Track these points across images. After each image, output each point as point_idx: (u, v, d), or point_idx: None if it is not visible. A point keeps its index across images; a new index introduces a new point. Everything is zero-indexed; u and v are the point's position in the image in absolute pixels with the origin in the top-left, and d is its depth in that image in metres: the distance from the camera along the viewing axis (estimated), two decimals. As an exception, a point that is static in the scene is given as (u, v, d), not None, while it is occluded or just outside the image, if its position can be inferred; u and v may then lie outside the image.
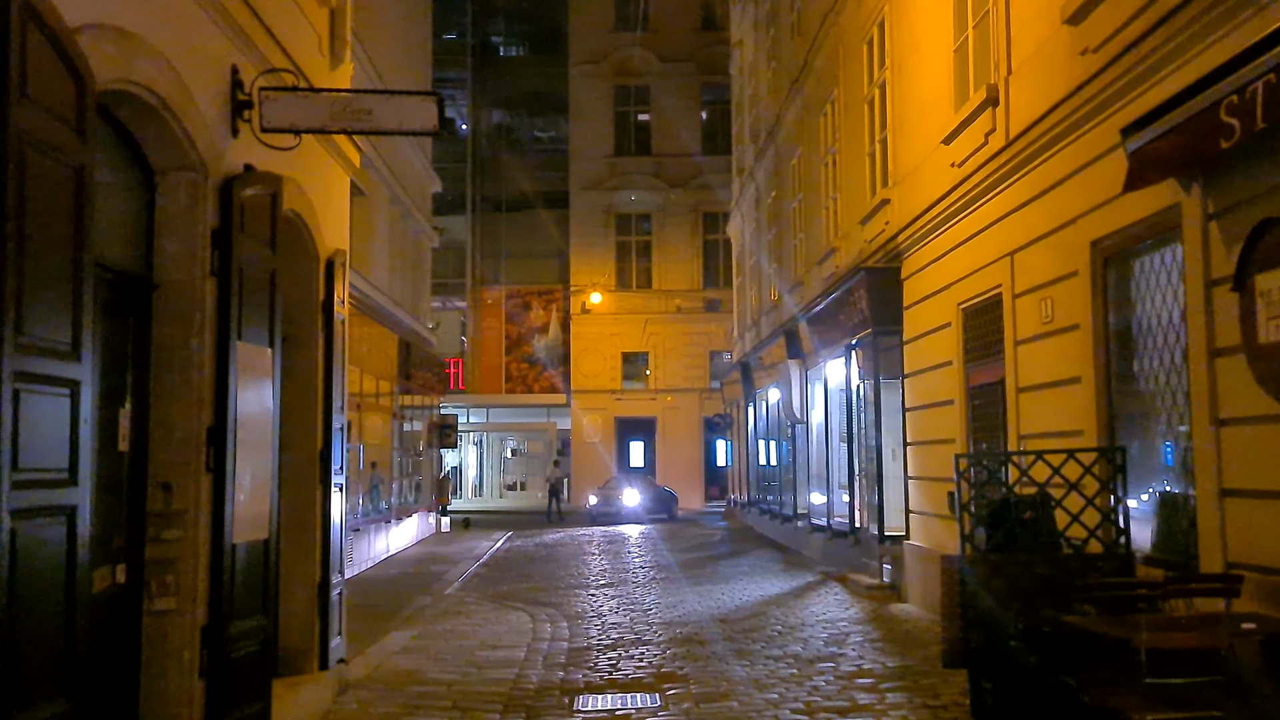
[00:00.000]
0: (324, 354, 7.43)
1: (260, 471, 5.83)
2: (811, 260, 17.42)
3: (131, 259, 5.14)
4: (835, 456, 15.49)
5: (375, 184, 20.54)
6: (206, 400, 5.31)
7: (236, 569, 5.49)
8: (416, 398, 23.96)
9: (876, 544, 12.80)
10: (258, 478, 5.78)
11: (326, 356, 7.45)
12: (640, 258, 37.00)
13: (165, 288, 5.26)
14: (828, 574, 14.99)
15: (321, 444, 7.42)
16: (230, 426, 5.42)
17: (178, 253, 5.23)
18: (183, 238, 5.24)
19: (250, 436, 5.67)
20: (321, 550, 7.33)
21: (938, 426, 10.94)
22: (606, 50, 36.98)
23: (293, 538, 7.10)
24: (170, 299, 5.24)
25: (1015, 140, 8.64)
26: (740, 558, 18.50)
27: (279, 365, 6.23)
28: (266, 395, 5.94)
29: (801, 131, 18.50)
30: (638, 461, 36.77)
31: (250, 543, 5.68)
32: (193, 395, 5.24)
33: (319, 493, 7.35)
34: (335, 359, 7.54)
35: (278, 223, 6.05)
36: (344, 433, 7.82)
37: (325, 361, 7.44)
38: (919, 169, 11.54)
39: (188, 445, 5.21)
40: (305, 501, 7.26)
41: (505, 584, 15.76)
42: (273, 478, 6.06)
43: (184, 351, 5.23)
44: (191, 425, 5.23)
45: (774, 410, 21.12)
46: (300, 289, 7.35)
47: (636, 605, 12.99)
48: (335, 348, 7.56)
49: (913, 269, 11.84)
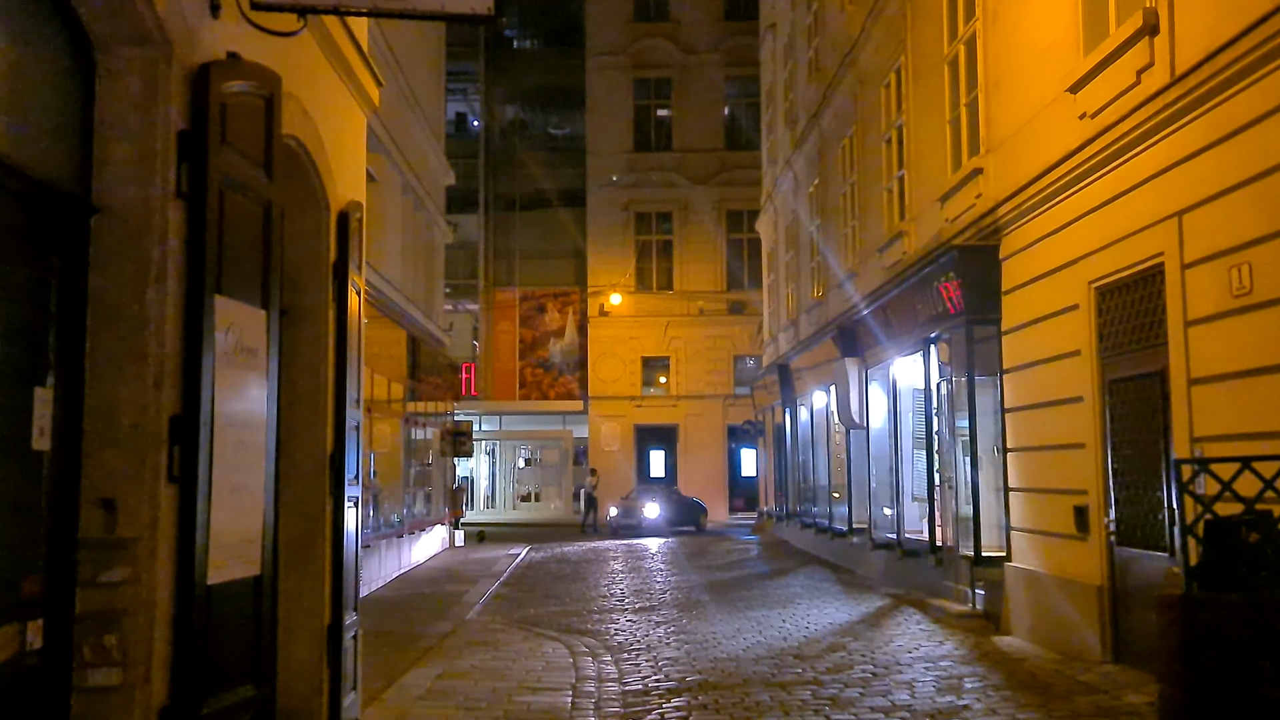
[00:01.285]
0: (335, 331, 5.79)
1: (249, 482, 4.20)
2: (869, 249, 15.77)
3: (58, 166, 3.50)
4: (907, 465, 13.81)
5: (387, 170, 18.94)
6: (169, 378, 3.68)
7: (213, 621, 3.86)
8: (428, 404, 22.31)
9: (967, 565, 11.11)
10: (245, 490, 4.15)
11: (339, 335, 5.81)
12: (661, 258, 35.37)
13: (110, 213, 3.63)
14: (897, 597, 13.30)
15: (333, 446, 5.77)
16: (204, 417, 3.79)
17: (128, 162, 3.60)
18: (136, 141, 3.61)
19: (234, 432, 4.04)
20: (332, 583, 5.68)
21: (1056, 429, 9.27)
22: (626, 42, 35.42)
23: (295, 568, 5.46)
24: (116, 228, 3.61)
25: (1187, 75, 6.99)
26: (787, 576, 16.81)
27: (277, 338, 4.58)
28: (259, 376, 4.30)
29: (854, 109, 16.87)
30: (658, 471, 35.08)
31: (234, 582, 4.04)
32: (148, 371, 3.61)
33: (329, 509, 5.71)
34: (350, 338, 5.90)
35: (275, 140, 4.41)
36: (360, 433, 6.16)
37: (337, 341, 5.80)
38: (1025, 129, 9.89)
39: (140, 443, 3.59)
40: (311, 521, 5.61)
41: (531, 606, 14.13)
42: (267, 490, 4.41)
43: (135, 307, 3.60)
44: (146, 414, 3.61)
45: (820, 415, 19.44)
46: (305, 247, 5.72)
47: (688, 634, 11.33)
48: (350, 324, 5.91)
49: (1017, 246, 10.18)
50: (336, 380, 5.81)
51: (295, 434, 5.52)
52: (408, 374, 19.75)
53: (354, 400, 6.02)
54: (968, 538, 11.05)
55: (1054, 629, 9.26)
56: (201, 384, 3.77)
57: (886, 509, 14.48)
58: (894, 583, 14.11)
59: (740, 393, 33.75)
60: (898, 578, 13.98)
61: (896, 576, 14.06)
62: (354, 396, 6.03)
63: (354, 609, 6.10)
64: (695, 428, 34.36)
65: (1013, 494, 10.34)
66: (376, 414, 17.24)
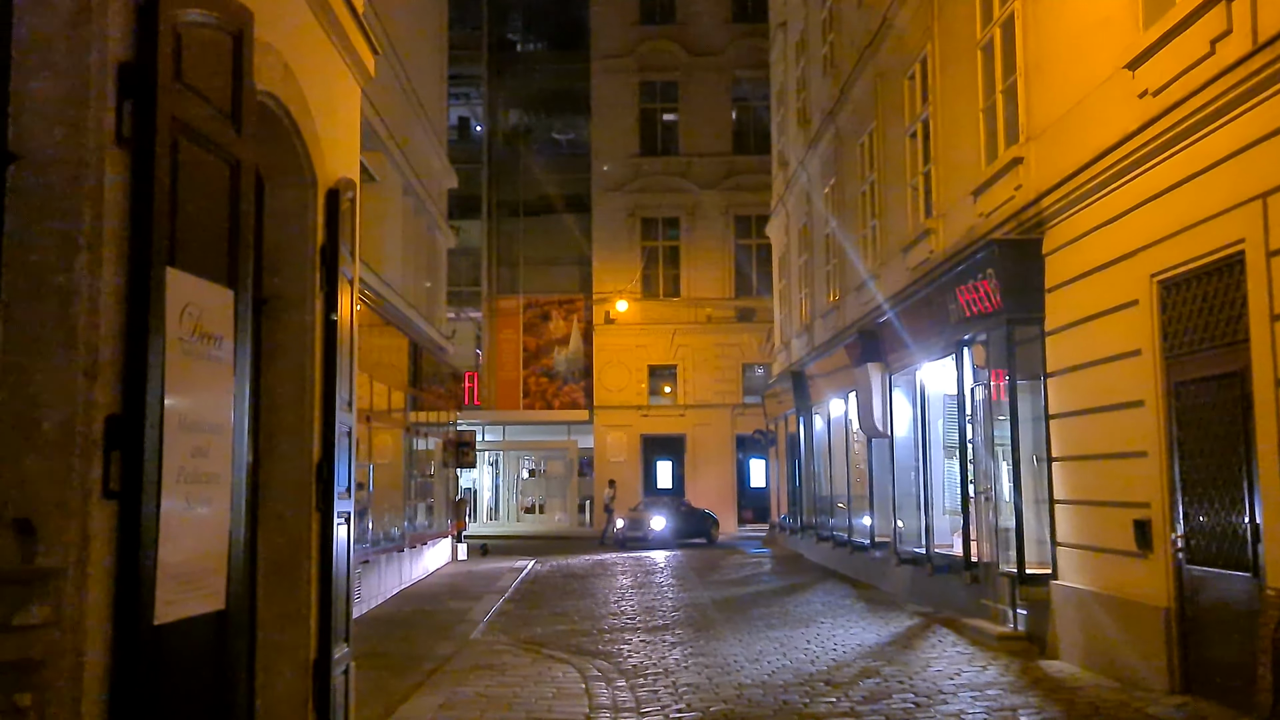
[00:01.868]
0: (323, 324, 5.06)
1: (211, 496, 3.46)
2: (892, 249, 15.05)
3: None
4: (937, 475, 13.06)
5: (387, 169, 18.26)
6: (106, 367, 2.96)
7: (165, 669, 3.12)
8: (430, 413, 21.58)
9: (1008, 583, 10.35)
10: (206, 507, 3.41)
11: (328, 328, 5.09)
12: (668, 264, 34.65)
13: (31, 160, 2.91)
14: (927, 616, 12.55)
15: (320, 454, 5.04)
16: (152, 417, 3.07)
17: (53, 99, 2.88)
18: (63, 72, 2.89)
19: (192, 437, 3.31)
20: (319, 612, 4.95)
21: (1111, 436, 8.53)
22: (631, 44, 34.78)
23: (275, 596, 4.73)
24: (39, 179, 2.89)
25: (1274, 40, 6.27)
26: (805, 593, 16.04)
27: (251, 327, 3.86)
28: (223, 369, 3.57)
29: (874, 104, 16.17)
30: (665, 482, 34.31)
31: (192, 620, 3.31)
32: (78, 357, 2.89)
33: (315, 527, 4.97)
34: (341, 332, 5.17)
35: (245, 88, 3.69)
36: (353, 440, 5.43)
37: (326, 335, 5.07)
38: (1073, 113, 9.18)
39: (66, 449, 2.87)
40: (294, 541, 4.88)
41: (538, 624, 13.39)
42: (236, 507, 3.68)
43: (62, 277, 2.88)
44: (75, 412, 2.88)
45: (838, 423, 18.70)
46: (288, 227, 5.01)
47: (707, 657, 10.58)
48: (341, 317, 5.19)
49: (1063, 239, 9.46)
50: (325, 379, 5.08)
51: (276, 440, 4.80)
52: (409, 382, 19.04)
53: (345, 402, 5.30)
54: (1009, 553, 10.29)
55: (1110, 654, 8.51)
56: (149, 376, 3.05)
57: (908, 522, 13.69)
58: (922, 600, 13.35)
59: (749, 402, 33.00)
60: (926, 595, 13.23)
61: (924, 593, 13.30)
62: (345, 398, 5.31)
63: (345, 640, 5.37)
64: (703, 438, 33.59)
65: (1059, 506, 9.59)
66: (377, 423, 16.52)
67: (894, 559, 14.51)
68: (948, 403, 12.79)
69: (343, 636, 5.25)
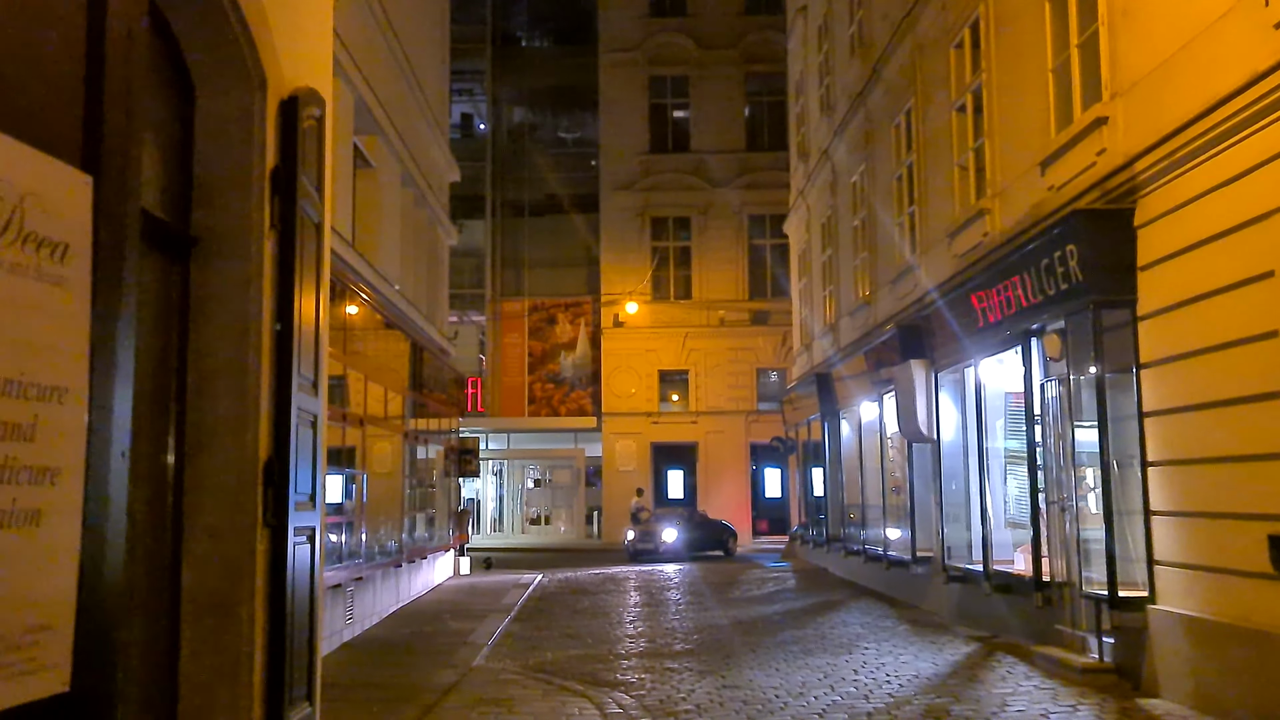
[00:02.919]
0: (277, 274, 3.73)
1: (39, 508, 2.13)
2: (936, 235, 13.73)
3: None
4: (995, 484, 11.69)
5: (385, 155, 16.98)
6: None
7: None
8: (432, 419, 20.22)
9: (1092, 607, 8.99)
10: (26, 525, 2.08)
11: (282, 279, 3.76)
12: (679, 265, 33.31)
13: None
14: (985, 641, 11.20)
15: (269, 449, 3.71)
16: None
17: None
18: None
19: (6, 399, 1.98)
20: (268, 664, 3.61)
21: (1233, 436, 7.19)
22: (639, 38, 33.52)
23: (204, 645, 3.39)
24: None
25: None
26: (838, 612, 14.67)
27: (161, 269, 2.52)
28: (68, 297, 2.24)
29: (913, 81, 14.87)
30: (677, 492, 32.93)
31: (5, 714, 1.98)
32: None
33: (262, 547, 3.64)
34: (299, 286, 3.83)
35: None
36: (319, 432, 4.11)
37: (280, 288, 3.74)
38: (1177, 60, 7.86)
39: None
40: (231, 566, 3.56)
41: (548, 647, 12.07)
42: (112, 522, 2.35)
43: None
44: None
45: (870, 428, 17.35)
46: (226, 142, 3.67)
47: (742, 690, 9.25)
48: (298, 266, 3.86)
49: (1162, 208, 8.13)
50: (277, 350, 3.76)
51: (207, 430, 3.48)
52: (409, 386, 17.71)
53: (308, 383, 3.98)
54: (1094, 572, 8.93)
55: (1230, 693, 7.16)
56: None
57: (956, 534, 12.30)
58: (974, 622, 12.00)
59: (764, 409, 31.65)
60: (980, 616, 11.88)
61: (978, 615, 11.95)
62: (308, 377, 4.00)
63: (308, 699, 4.03)
64: (716, 446, 32.21)
65: (1159, 519, 8.24)
66: (374, 429, 15.19)
67: (940, 576, 13.14)
68: (1011, 402, 11.44)
69: (303, 695, 3.92)
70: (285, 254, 3.82)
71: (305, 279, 3.98)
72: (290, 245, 3.83)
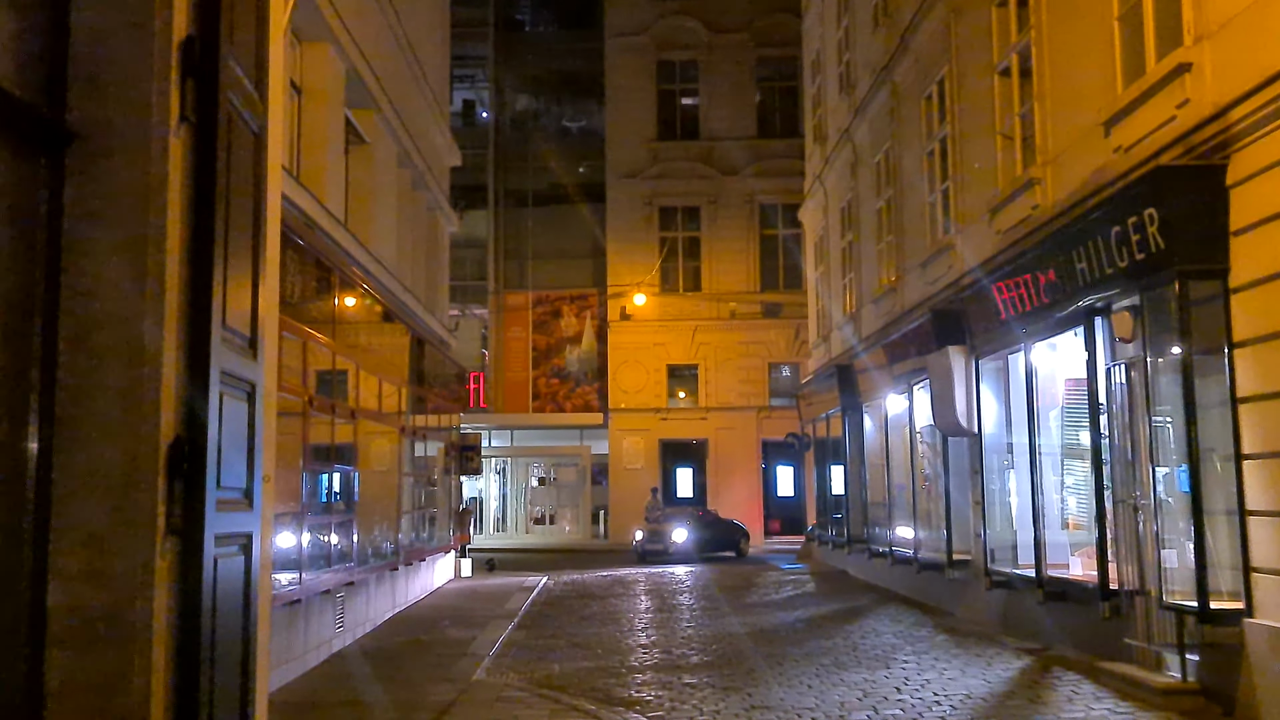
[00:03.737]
0: (190, 183, 2.66)
1: None
2: (975, 211, 12.68)
3: None
4: (1043, 480, 10.59)
5: (379, 131, 15.94)
6: None
7: None
8: (432, 415, 19.16)
9: (1173, 619, 7.93)
10: None
11: (198, 195, 2.69)
12: (688, 256, 32.21)
13: None
14: (1036, 654, 10.15)
15: (179, 427, 2.65)
16: None
17: None
18: None
19: None
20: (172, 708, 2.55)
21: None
22: (647, 21, 32.43)
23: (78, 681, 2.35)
24: None
25: None
26: (865, 619, 13.63)
27: None
28: None
29: (946, 47, 13.82)
30: (686, 490, 31.87)
31: None
32: None
33: (166, 562, 2.58)
34: (223, 206, 2.78)
35: None
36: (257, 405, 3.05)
37: (196, 203, 2.68)
38: None
39: None
40: (118, 583, 2.51)
41: (555, 659, 11.06)
42: None
43: None
44: None
45: (896, 421, 16.29)
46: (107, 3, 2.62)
47: (774, 711, 8.26)
48: (223, 178, 2.80)
49: (1262, 164, 7.08)
50: (192, 291, 2.70)
51: (85, 401, 2.44)
52: (408, 379, 16.65)
53: (240, 340, 2.92)
54: (1177, 580, 7.87)
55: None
56: None
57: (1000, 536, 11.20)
58: (1021, 633, 10.95)
59: (777, 404, 30.59)
60: (1029, 627, 10.82)
61: (1026, 625, 10.89)
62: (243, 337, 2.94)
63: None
64: (726, 443, 31.12)
65: (1256, 520, 7.18)
66: (369, 423, 14.15)
67: (981, 581, 12.08)
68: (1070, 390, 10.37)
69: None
70: (203, 159, 2.78)
71: (236, 198, 2.93)
72: (210, 148, 2.79)
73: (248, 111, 3.11)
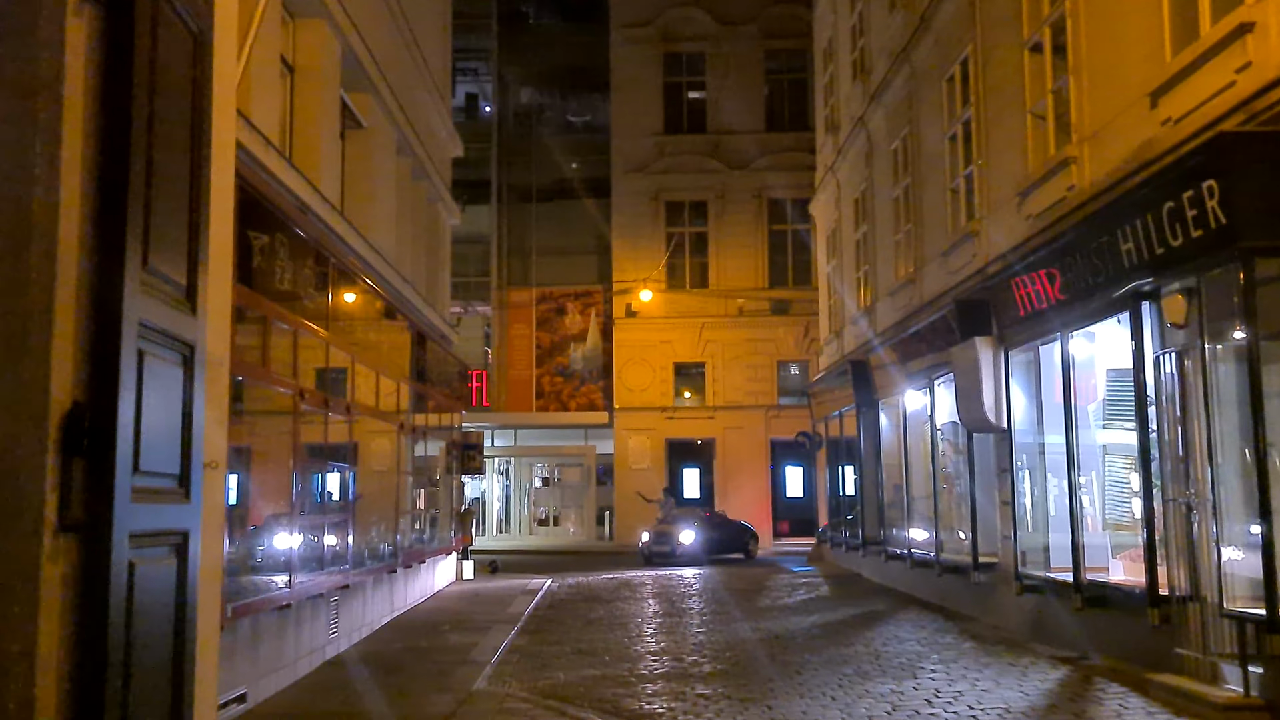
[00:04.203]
0: (97, 85, 2.02)
1: None
2: (1003, 195, 12.04)
3: None
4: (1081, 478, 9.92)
5: (377, 115, 15.33)
6: None
7: None
8: (433, 414, 18.53)
9: (1233, 629, 7.29)
10: None
11: (108, 96, 2.04)
12: (695, 252, 31.57)
13: None
14: (1075, 663, 9.50)
15: (76, 390, 2.01)
16: None
17: None
18: None
19: None
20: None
21: None
22: (653, 13, 31.81)
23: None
24: None
25: None
26: (886, 624, 12.99)
27: None
28: None
29: (971, 25, 13.18)
30: (693, 491, 31.22)
31: None
32: None
33: (56, 571, 1.94)
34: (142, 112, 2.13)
35: None
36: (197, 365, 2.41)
37: (104, 112, 2.03)
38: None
39: None
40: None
41: (560, 666, 10.46)
42: None
43: None
44: None
45: (916, 418, 15.64)
46: None
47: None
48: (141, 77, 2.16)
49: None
50: (100, 218, 2.06)
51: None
52: (408, 375, 16.02)
53: (172, 287, 2.29)
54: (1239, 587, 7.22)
55: None
56: None
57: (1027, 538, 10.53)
58: (1056, 641, 10.30)
59: (785, 403, 29.94)
60: (1063, 634, 10.17)
61: (1060, 632, 10.24)
62: (174, 279, 2.31)
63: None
64: (734, 442, 30.47)
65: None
66: (367, 420, 13.53)
67: (1010, 586, 11.42)
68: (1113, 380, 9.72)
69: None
70: (115, 51, 2.16)
71: (164, 109, 2.31)
72: (125, 37, 2.18)
73: (183, 6, 2.50)
